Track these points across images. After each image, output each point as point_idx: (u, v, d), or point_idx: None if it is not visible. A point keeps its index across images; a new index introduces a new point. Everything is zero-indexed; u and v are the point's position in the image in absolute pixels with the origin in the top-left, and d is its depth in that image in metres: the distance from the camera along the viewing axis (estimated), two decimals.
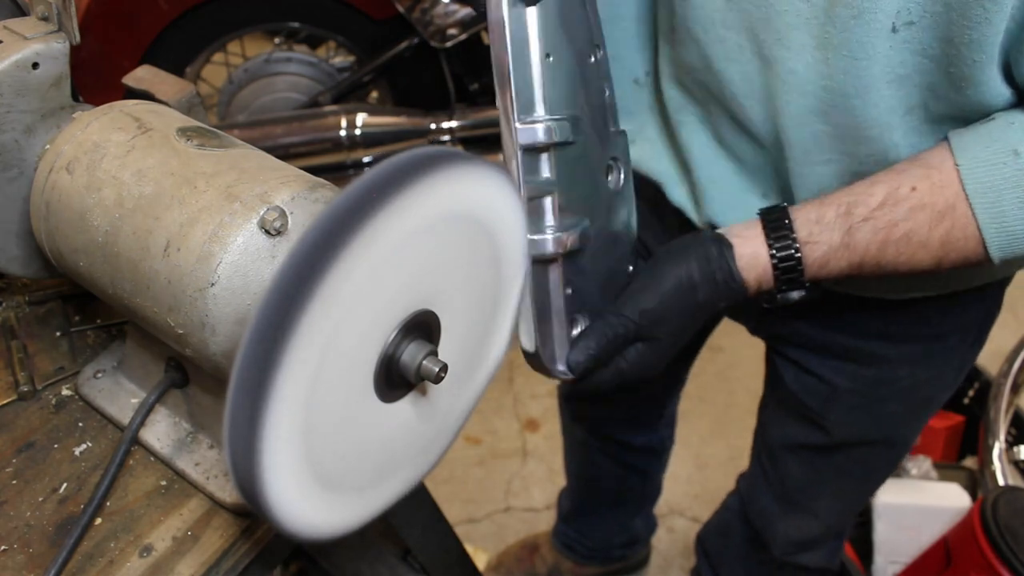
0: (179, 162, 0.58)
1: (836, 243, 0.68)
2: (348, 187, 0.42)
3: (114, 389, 0.70)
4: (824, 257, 0.68)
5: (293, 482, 0.46)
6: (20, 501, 0.64)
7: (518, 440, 2.07)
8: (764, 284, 0.70)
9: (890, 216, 0.67)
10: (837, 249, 0.68)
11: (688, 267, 0.68)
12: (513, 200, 0.56)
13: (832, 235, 0.68)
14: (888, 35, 0.65)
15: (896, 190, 0.67)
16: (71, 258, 0.61)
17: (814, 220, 0.68)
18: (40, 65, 0.63)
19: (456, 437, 0.62)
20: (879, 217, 0.67)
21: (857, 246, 0.68)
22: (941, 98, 0.68)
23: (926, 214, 0.66)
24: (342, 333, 0.45)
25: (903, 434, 1.05)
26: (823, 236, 0.68)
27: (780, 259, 0.68)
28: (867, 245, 0.68)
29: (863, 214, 0.67)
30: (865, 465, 1.08)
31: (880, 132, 0.71)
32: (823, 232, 0.68)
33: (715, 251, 0.68)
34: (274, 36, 2.16)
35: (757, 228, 0.70)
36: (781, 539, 1.21)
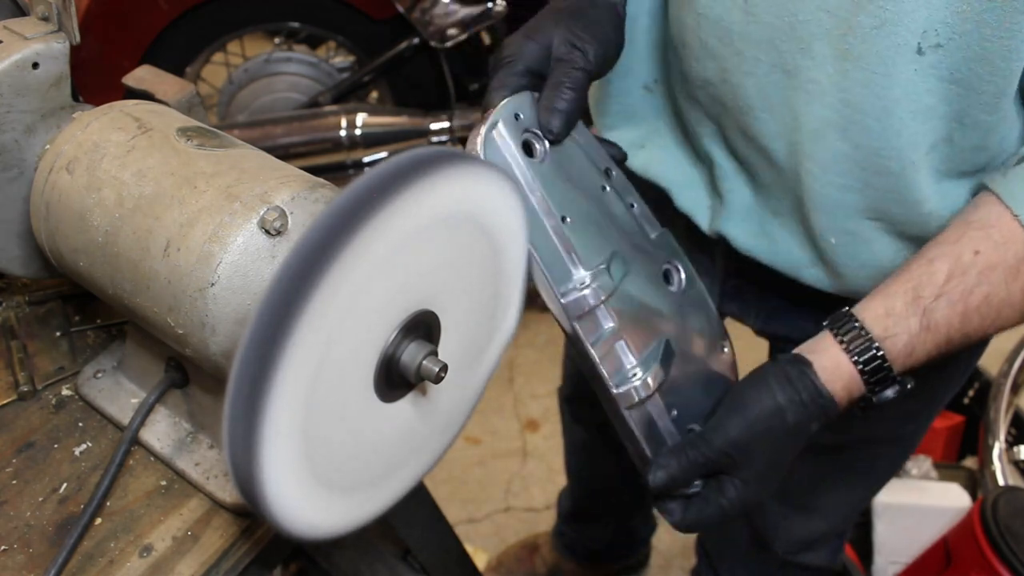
0: (179, 162, 0.58)
1: (916, 329, 0.65)
2: (348, 187, 0.42)
3: (114, 389, 0.70)
4: (908, 346, 0.65)
5: (293, 482, 0.46)
6: (20, 501, 0.64)
7: (518, 440, 2.07)
8: (854, 391, 0.67)
9: (962, 286, 0.64)
10: (919, 334, 0.65)
11: (770, 391, 0.65)
12: (513, 200, 0.56)
13: (909, 323, 0.65)
14: (913, 56, 0.64)
15: (959, 260, 0.65)
16: (71, 258, 0.61)
17: (884, 314, 0.66)
18: (40, 65, 0.63)
19: (456, 437, 0.62)
20: (951, 291, 0.64)
21: (939, 327, 0.65)
22: (969, 125, 0.67)
23: (999, 273, 0.64)
24: (342, 333, 0.45)
25: (909, 432, 1.05)
26: (899, 327, 0.65)
27: (864, 362, 0.65)
28: (948, 321, 0.65)
29: (933, 293, 0.65)
30: (871, 464, 1.08)
31: (902, 168, 0.70)
32: (898, 324, 0.65)
33: (794, 371, 0.65)
34: (274, 36, 2.16)
35: (828, 339, 0.67)
36: (784, 538, 1.20)
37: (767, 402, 0.65)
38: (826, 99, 0.69)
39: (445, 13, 1.93)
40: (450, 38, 1.93)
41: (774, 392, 0.65)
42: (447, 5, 1.92)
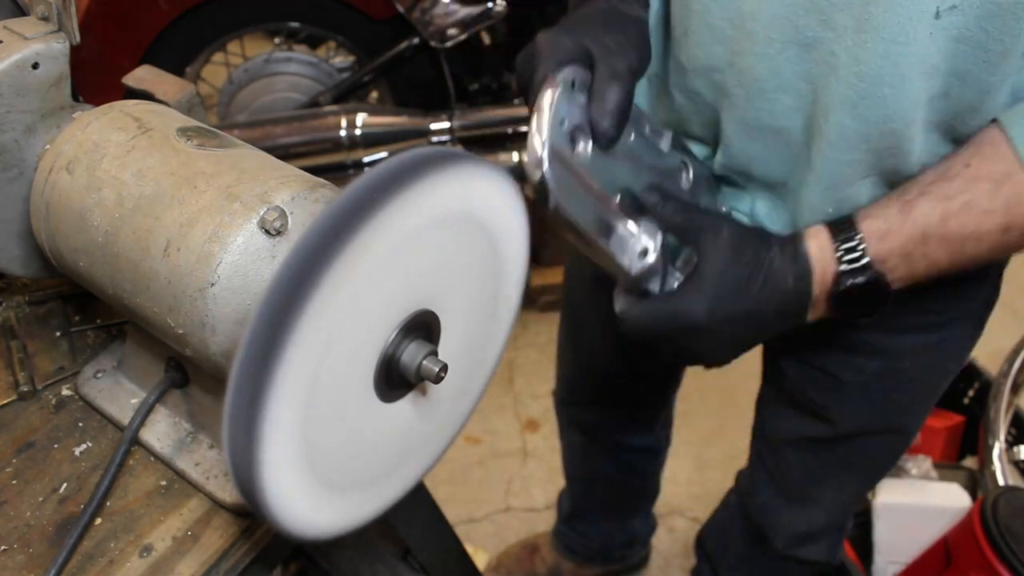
0: (179, 162, 0.58)
1: (893, 213, 0.68)
2: (348, 187, 0.42)
3: (114, 389, 0.70)
4: (883, 229, 0.68)
5: (293, 482, 0.46)
6: (20, 501, 0.64)
7: (518, 440, 2.06)
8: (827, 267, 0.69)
9: (946, 189, 0.67)
10: (895, 220, 0.67)
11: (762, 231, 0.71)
12: (513, 200, 0.56)
13: (888, 209, 0.68)
14: (930, 20, 0.63)
15: (948, 169, 0.67)
16: (71, 258, 0.61)
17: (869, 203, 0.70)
18: (40, 65, 0.63)
19: (456, 437, 0.62)
20: (934, 191, 0.67)
21: (917, 217, 0.67)
22: (968, 83, 0.67)
23: (984, 184, 0.66)
24: (342, 333, 0.45)
25: (907, 423, 1.05)
26: (878, 211, 0.68)
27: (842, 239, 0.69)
28: (927, 216, 0.67)
29: (918, 191, 0.68)
30: (869, 455, 1.08)
31: (905, 126, 0.70)
32: (877, 209, 0.69)
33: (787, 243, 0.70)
34: (274, 36, 2.15)
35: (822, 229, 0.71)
36: (784, 532, 1.21)
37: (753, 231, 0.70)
38: (841, 73, 0.69)
39: (445, 13, 1.93)
40: (450, 38, 1.93)
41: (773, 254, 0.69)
42: (447, 5, 1.92)
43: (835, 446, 1.06)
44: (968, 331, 0.95)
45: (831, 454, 1.08)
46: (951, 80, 0.67)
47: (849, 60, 0.68)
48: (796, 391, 1.02)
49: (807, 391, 1.00)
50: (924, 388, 0.99)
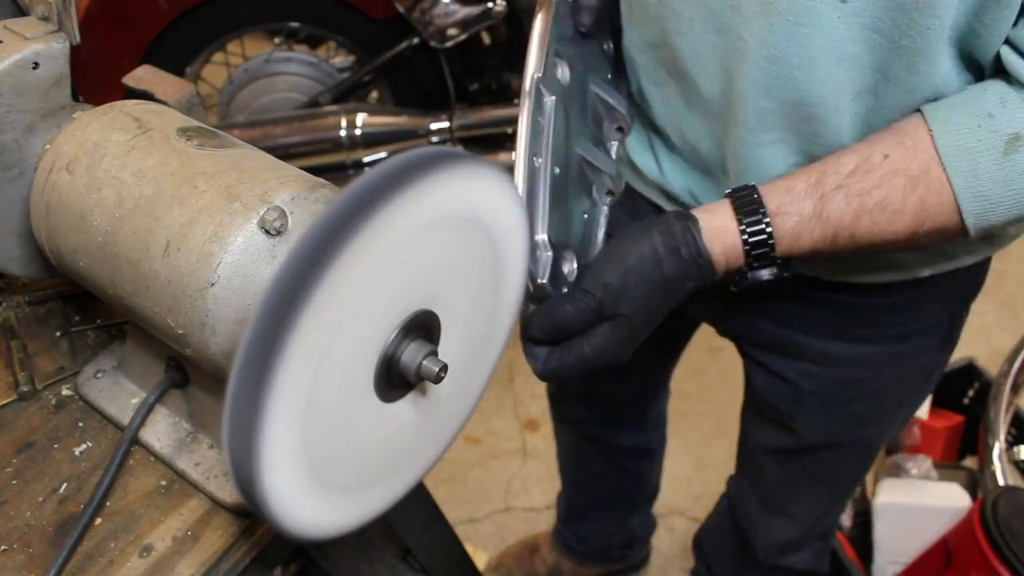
0: (179, 162, 0.58)
1: (808, 213, 0.65)
2: (348, 187, 0.42)
3: (114, 389, 0.70)
4: (796, 228, 0.66)
5: (293, 482, 0.46)
6: (20, 501, 0.64)
7: (518, 440, 2.07)
8: (733, 260, 0.67)
9: (863, 184, 0.65)
10: (809, 219, 0.65)
11: (651, 240, 0.65)
12: (513, 200, 0.56)
13: (803, 205, 0.65)
14: (836, 4, 0.63)
15: (868, 158, 0.65)
16: (71, 258, 0.61)
17: (783, 191, 0.66)
18: (40, 65, 0.63)
19: (456, 437, 0.62)
20: (851, 185, 0.65)
21: (830, 216, 0.65)
22: (892, 80, 0.67)
23: (900, 180, 0.64)
24: (342, 333, 0.45)
25: (871, 436, 1.04)
26: (794, 207, 0.65)
27: (750, 233, 0.65)
28: (840, 214, 0.65)
29: (835, 183, 0.65)
30: (834, 468, 1.08)
31: (827, 114, 0.69)
32: (794, 203, 0.66)
33: (679, 225, 0.66)
34: (274, 36, 2.15)
35: (725, 204, 0.67)
36: (764, 542, 1.21)
37: (646, 251, 0.65)
38: (752, 57, 0.68)
39: (445, 13, 1.93)
40: (450, 38, 1.93)
41: (655, 242, 0.65)
42: (447, 5, 1.92)
43: (800, 457, 1.06)
44: (934, 345, 0.94)
45: (798, 465, 1.08)
46: (876, 76, 0.67)
47: (757, 44, 0.67)
48: (763, 399, 1.02)
49: (771, 399, 1.00)
50: (888, 401, 0.98)
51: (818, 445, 1.03)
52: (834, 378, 0.93)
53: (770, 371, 0.97)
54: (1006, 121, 0.63)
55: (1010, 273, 2.49)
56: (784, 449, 1.06)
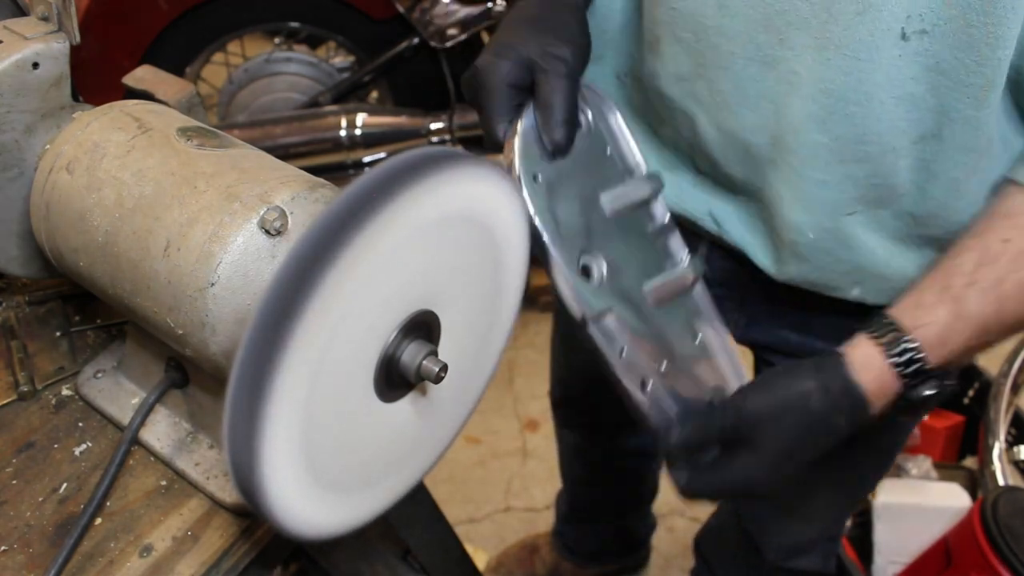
0: (179, 162, 0.58)
1: (946, 319, 0.64)
2: (348, 187, 0.42)
3: (114, 389, 0.70)
4: (940, 336, 0.64)
5: (293, 482, 0.46)
6: (20, 501, 0.64)
7: (518, 440, 2.06)
8: (887, 385, 0.66)
9: (993, 274, 0.64)
10: (950, 324, 0.64)
11: (799, 376, 0.66)
12: (513, 200, 0.56)
13: (938, 312, 0.64)
14: (897, 41, 0.63)
15: (987, 250, 0.65)
16: (71, 258, 0.61)
17: (913, 306, 0.66)
18: (40, 65, 0.63)
19: (456, 437, 0.62)
20: (981, 279, 0.64)
21: (971, 315, 0.64)
22: (958, 120, 0.66)
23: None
24: (342, 333, 0.45)
25: (890, 438, 1.04)
26: (928, 317, 0.65)
27: (896, 353, 0.64)
28: (981, 309, 0.64)
29: (963, 282, 0.64)
30: (855, 468, 1.08)
31: (883, 153, 0.69)
32: (927, 314, 0.65)
33: (827, 361, 0.66)
34: (274, 36, 2.15)
35: (862, 336, 0.67)
36: (774, 545, 1.20)
37: (794, 384, 0.65)
38: (805, 90, 0.68)
39: (445, 13, 1.93)
40: (450, 38, 1.93)
41: (803, 377, 0.66)
42: (447, 5, 1.92)
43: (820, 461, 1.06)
44: None
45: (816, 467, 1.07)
46: (939, 118, 0.66)
47: (812, 78, 0.67)
48: None
49: None
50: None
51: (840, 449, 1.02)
52: None
53: None
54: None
55: None
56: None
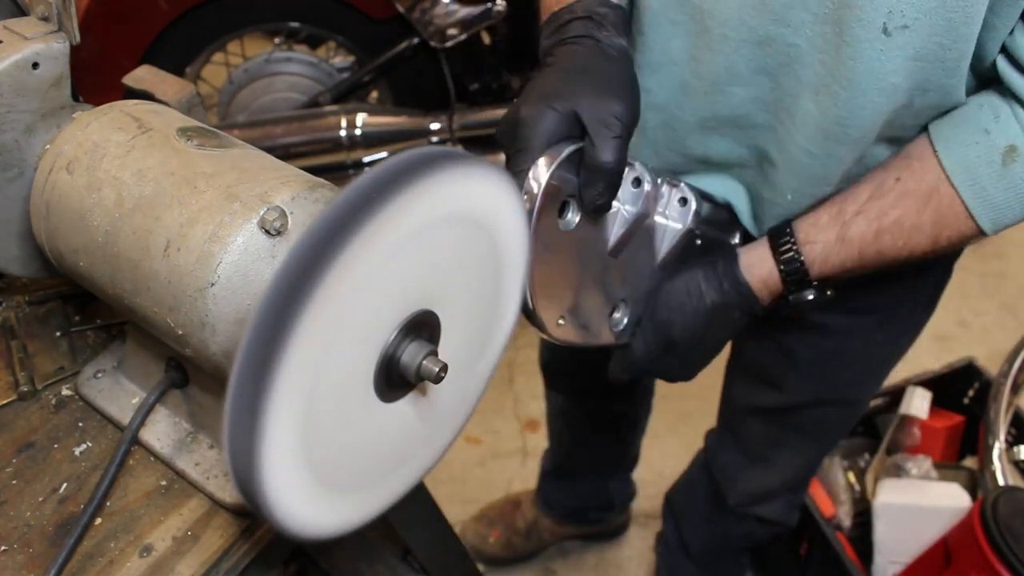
0: (179, 162, 0.58)
1: (832, 239, 0.74)
2: (348, 187, 0.42)
3: (114, 389, 0.70)
4: (823, 253, 0.74)
5: (293, 482, 0.46)
6: (20, 501, 0.64)
7: (518, 440, 2.07)
8: (773, 287, 0.76)
9: (879, 206, 0.72)
10: (834, 244, 0.74)
11: (694, 276, 0.75)
12: (513, 200, 0.56)
13: (828, 233, 0.74)
14: (879, 35, 0.64)
15: (881, 184, 0.73)
16: (71, 258, 0.61)
17: (811, 224, 0.76)
18: (40, 65, 0.63)
19: (456, 437, 0.62)
20: (869, 209, 0.73)
21: (852, 239, 0.73)
22: (931, 91, 0.70)
23: (912, 199, 0.71)
24: (342, 333, 0.45)
25: (858, 395, 1.12)
26: (820, 236, 0.75)
27: (784, 261, 0.75)
28: (862, 235, 0.73)
29: (854, 209, 0.74)
30: (822, 424, 1.14)
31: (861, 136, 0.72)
32: (819, 232, 0.75)
33: (720, 262, 0.75)
34: (274, 36, 2.15)
35: (763, 240, 0.78)
36: (739, 491, 1.27)
37: (690, 285, 0.76)
38: (805, 59, 0.71)
39: (445, 13, 1.93)
40: (450, 38, 1.93)
41: (697, 277, 0.76)
42: (447, 5, 1.92)
43: (789, 414, 1.12)
44: (918, 311, 1.00)
45: (786, 421, 1.14)
46: (913, 92, 0.70)
47: (810, 48, 0.70)
48: (754, 363, 1.09)
49: (764, 363, 1.07)
50: (875, 364, 1.06)
51: (806, 404, 1.09)
52: (828, 345, 1.00)
53: (765, 338, 1.03)
54: (1000, 135, 0.68)
55: (1010, 274, 2.49)
56: (772, 407, 1.12)
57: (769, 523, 1.32)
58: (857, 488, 1.65)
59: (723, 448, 1.29)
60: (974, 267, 2.49)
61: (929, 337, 2.29)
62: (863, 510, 1.61)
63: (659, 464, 1.92)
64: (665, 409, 1.99)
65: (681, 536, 1.49)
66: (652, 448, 1.84)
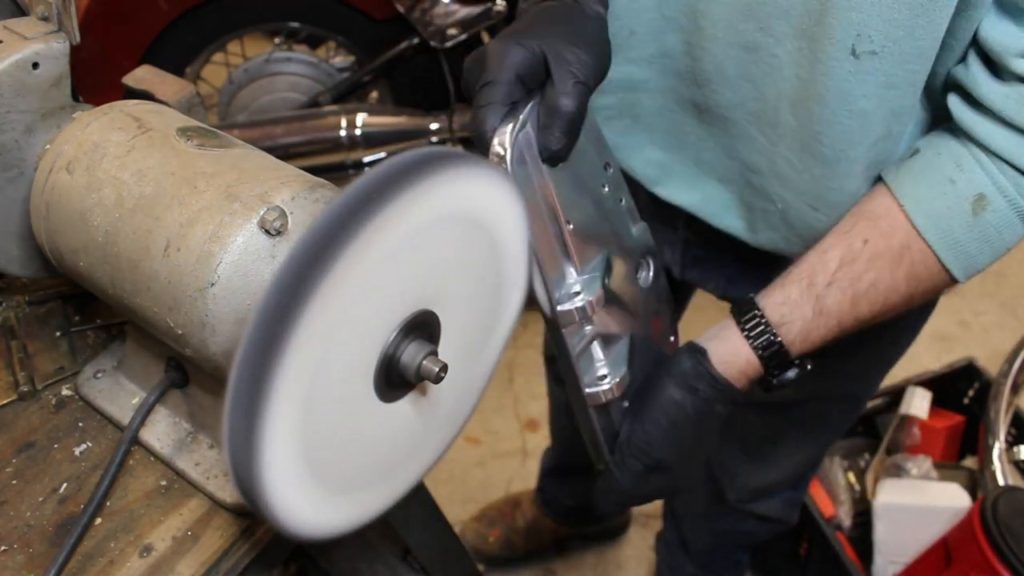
0: (179, 162, 0.58)
1: (809, 316, 0.70)
2: (348, 187, 0.42)
3: (114, 389, 0.70)
4: (802, 332, 0.70)
5: (293, 482, 0.46)
6: (20, 501, 0.64)
7: (518, 440, 2.07)
8: (753, 374, 0.72)
9: (851, 274, 0.69)
10: (811, 321, 0.70)
11: (669, 391, 0.70)
12: (513, 200, 0.56)
13: (803, 310, 0.70)
14: (848, 57, 0.65)
15: (849, 248, 0.69)
16: (71, 258, 0.61)
17: (781, 303, 0.71)
18: (40, 65, 0.63)
19: (456, 437, 0.62)
20: (841, 278, 0.69)
21: (830, 312, 0.70)
22: (903, 117, 0.69)
23: (884, 260, 0.69)
24: (342, 333, 0.45)
25: (858, 391, 1.11)
26: (795, 314, 0.70)
27: (762, 347, 0.70)
28: (839, 307, 0.70)
29: (825, 280, 0.70)
30: (821, 419, 1.14)
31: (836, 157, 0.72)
32: (793, 311, 0.70)
33: (689, 364, 0.70)
34: (274, 36, 2.15)
35: (731, 326, 0.72)
36: (739, 487, 1.27)
37: (667, 402, 0.70)
38: (785, 72, 0.71)
39: (445, 13, 1.93)
40: (450, 38, 1.93)
41: (672, 391, 0.70)
42: (447, 5, 1.92)
43: (789, 409, 1.12)
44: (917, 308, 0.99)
45: (786, 417, 1.14)
46: (890, 120, 0.69)
47: (789, 62, 0.70)
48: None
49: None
50: (874, 360, 1.04)
51: (809, 399, 1.08)
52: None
53: None
54: (967, 184, 0.67)
55: (1010, 274, 2.48)
56: (770, 402, 1.11)
57: (769, 521, 1.31)
58: (857, 488, 1.65)
59: (722, 444, 1.28)
60: None
61: (929, 337, 2.30)
62: (863, 510, 1.61)
63: None
64: None
65: (681, 535, 1.49)
66: None
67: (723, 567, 1.54)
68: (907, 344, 1.05)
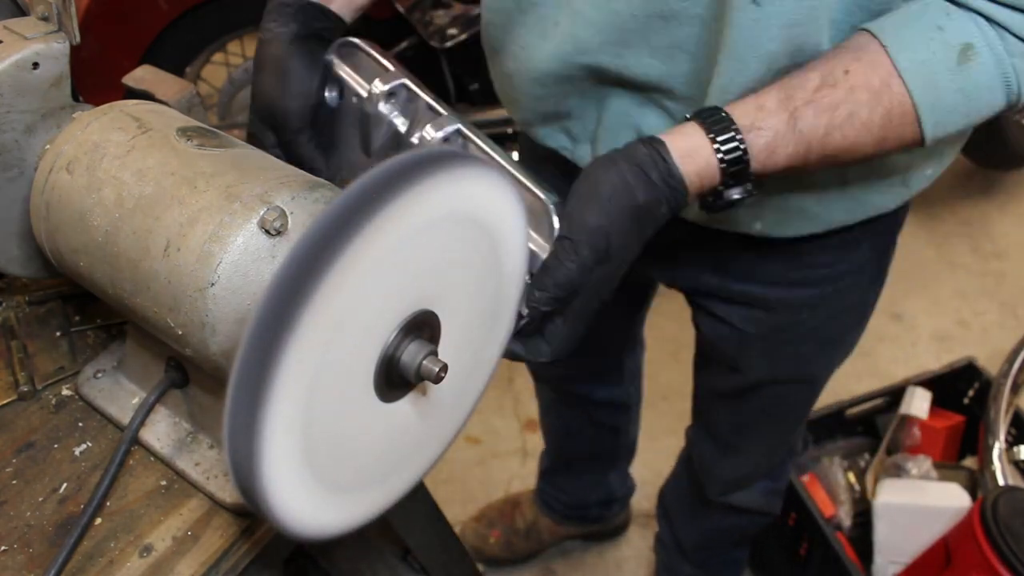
0: (179, 162, 0.58)
1: (781, 129, 0.64)
2: (348, 187, 0.42)
3: (114, 389, 0.70)
4: (771, 143, 0.64)
5: (293, 482, 0.46)
6: (20, 501, 0.64)
7: (518, 440, 2.07)
8: (707, 180, 0.65)
9: (831, 98, 0.64)
10: (784, 135, 0.64)
11: (619, 169, 0.62)
12: (513, 200, 0.56)
13: (777, 120, 0.64)
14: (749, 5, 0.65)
15: (831, 73, 0.65)
16: (71, 258, 0.61)
17: (754, 108, 0.65)
18: (40, 65, 0.63)
19: (456, 437, 0.62)
20: (820, 100, 0.64)
21: (804, 130, 0.65)
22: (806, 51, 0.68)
23: (865, 94, 0.65)
24: (342, 333, 0.45)
25: (813, 373, 1.11)
26: (767, 122, 0.64)
27: (726, 151, 0.63)
28: (813, 129, 0.65)
29: (804, 98, 0.64)
30: (780, 403, 1.14)
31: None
32: (767, 118, 0.64)
33: (645, 150, 0.63)
34: None
35: (693, 126, 0.64)
36: (716, 480, 1.28)
37: (616, 181, 0.62)
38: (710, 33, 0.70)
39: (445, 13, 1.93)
40: (450, 38, 1.93)
41: (624, 171, 0.62)
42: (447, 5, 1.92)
43: (749, 395, 1.12)
44: (864, 282, 0.99)
45: (746, 403, 1.15)
46: (795, 55, 0.68)
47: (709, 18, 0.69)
48: (711, 346, 1.09)
49: (719, 344, 1.06)
50: (827, 340, 1.04)
51: (764, 383, 1.09)
52: (775, 321, 0.99)
53: (716, 318, 1.03)
54: (955, 32, 0.64)
55: (1010, 273, 2.48)
56: (732, 390, 1.13)
57: (751, 512, 1.33)
58: (857, 488, 1.66)
59: (699, 440, 1.30)
60: (974, 267, 2.49)
61: (929, 337, 2.30)
62: (863, 510, 1.61)
63: (659, 464, 1.92)
64: (665, 410, 1.99)
65: (675, 534, 1.50)
66: (651, 448, 1.85)
67: (720, 566, 1.54)
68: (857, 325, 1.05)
